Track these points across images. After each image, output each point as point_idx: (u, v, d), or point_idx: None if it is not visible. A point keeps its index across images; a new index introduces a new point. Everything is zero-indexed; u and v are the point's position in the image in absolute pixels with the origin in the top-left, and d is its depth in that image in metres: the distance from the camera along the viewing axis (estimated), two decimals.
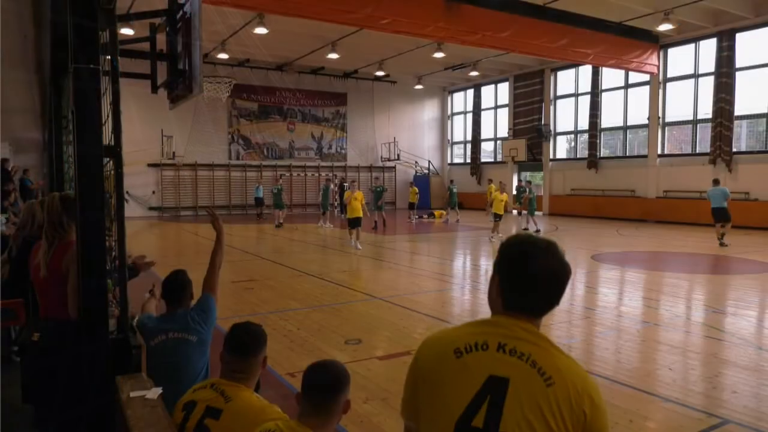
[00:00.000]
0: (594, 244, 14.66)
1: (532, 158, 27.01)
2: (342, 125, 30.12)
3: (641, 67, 20.94)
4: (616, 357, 5.50)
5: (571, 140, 26.54)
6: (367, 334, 6.27)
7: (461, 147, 33.16)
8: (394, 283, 9.38)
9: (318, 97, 29.15)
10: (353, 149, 30.39)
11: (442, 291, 8.83)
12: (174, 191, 25.82)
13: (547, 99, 26.44)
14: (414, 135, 32.15)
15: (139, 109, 22.68)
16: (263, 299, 8.03)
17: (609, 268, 10.87)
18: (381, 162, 30.83)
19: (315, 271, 10.52)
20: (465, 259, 12.86)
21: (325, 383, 1.99)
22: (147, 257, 3.79)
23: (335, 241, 16.03)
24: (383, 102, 30.86)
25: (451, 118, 33.14)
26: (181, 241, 16.75)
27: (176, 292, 3.22)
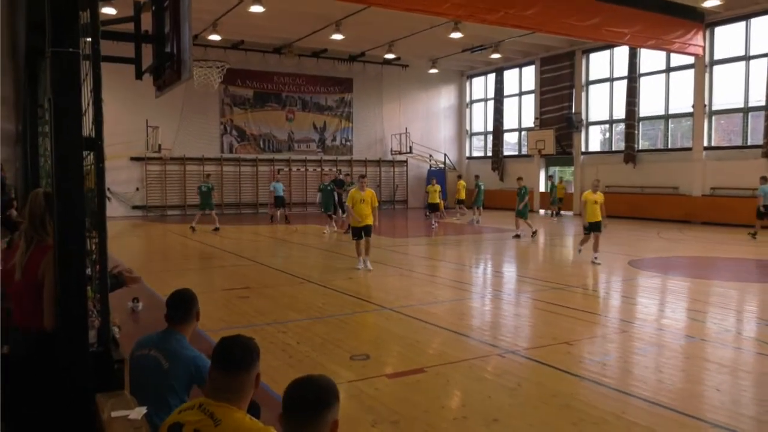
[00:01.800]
0: (631, 249, 14.56)
1: (561, 151, 26.90)
2: (347, 114, 30.16)
3: (684, 48, 20.79)
4: (656, 376, 5.46)
5: (606, 131, 26.37)
6: (375, 349, 6.26)
7: (481, 139, 33.06)
8: (406, 291, 9.37)
9: (320, 82, 29.22)
10: (360, 141, 30.43)
11: (460, 301, 8.80)
12: (160, 188, 25.98)
13: (578, 84, 26.31)
14: (428, 125, 32.12)
15: (122, 97, 22.83)
16: (259, 309, 8.05)
17: (648, 276, 10.79)
18: (391, 155, 30.84)
19: (317, 277, 10.54)
20: (486, 265, 12.84)
21: (307, 400, 1.97)
22: (134, 271, 3.83)
23: (341, 245, 16.04)
24: (393, 88, 30.87)
25: (469, 106, 33.07)
26: (168, 243, 16.83)
27: (177, 310, 3.24)
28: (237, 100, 27.50)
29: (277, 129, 28.42)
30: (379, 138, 30.96)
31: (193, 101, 25.84)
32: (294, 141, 28.93)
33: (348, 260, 13.05)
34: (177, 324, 3.22)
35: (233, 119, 27.49)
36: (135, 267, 12.62)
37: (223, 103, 27.17)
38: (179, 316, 3.23)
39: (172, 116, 25.30)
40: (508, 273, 11.71)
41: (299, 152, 28.97)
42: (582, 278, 10.83)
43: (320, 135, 29.58)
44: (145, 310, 7.75)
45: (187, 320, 3.25)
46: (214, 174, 26.90)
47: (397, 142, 30.49)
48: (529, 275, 11.38)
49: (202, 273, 11.32)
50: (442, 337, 6.73)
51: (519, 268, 12.51)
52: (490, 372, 5.56)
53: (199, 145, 26.46)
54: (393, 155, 30.81)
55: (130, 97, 23.15)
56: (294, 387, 2.02)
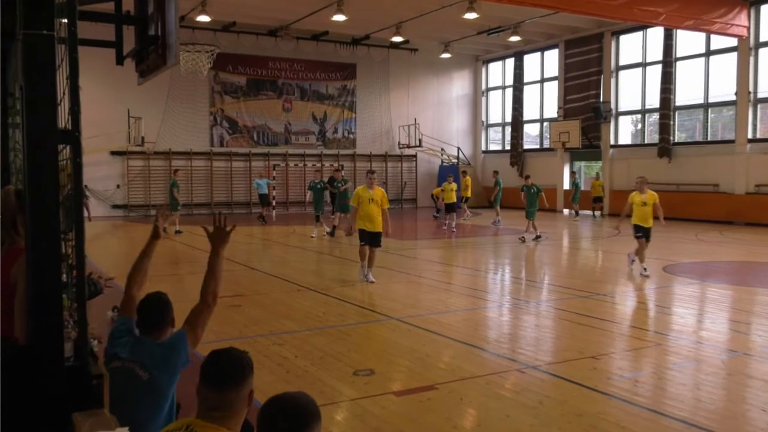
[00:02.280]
0: (666, 252, 14.51)
1: (587, 144, 26.84)
2: (350, 104, 30.20)
3: (726, 29, 20.68)
4: (694, 394, 5.44)
5: (638, 121, 26.28)
6: (381, 363, 6.27)
7: (498, 131, 33.00)
8: (414, 299, 9.37)
9: (320, 69, 29.27)
10: (364, 133, 30.46)
11: (475, 310, 8.80)
12: (143, 185, 26.10)
13: (607, 70, 26.24)
14: (440, 116, 32.11)
15: (101, 84, 22.91)
16: (253, 319, 8.07)
17: (686, 283, 10.75)
18: (399, 149, 30.87)
19: (316, 284, 10.56)
20: (504, 270, 12.83)
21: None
22: (109, 279, 3.85)
23: (342, 248, 16.04)
24: (401, 75, 30.88)
25: (485, 94, 33.04)
26: None
27: (149, 317, 3.25)
28: (228, 88, 27.59)
29: (272, 120, 28.49)
30: (385, 130, 30.97)
31: (179, 89, 25.93)
32: (291, 133, 28.99)
33: (351, 265, 13.06)
34: (150, 333, 3.23)
35: (224, 109, 27.58)
36: (116, 273, 12.59)
37: (212, 91, 27.27)
38: (151, 323, 3.24)
39: (156, 106, 25.40)
40: (528, 279, 11.68)
41: (297, 146, 29.03)
42: (611, 285, 10.80)
43: (320, 127, 29.63)
44: None
45: (159, 328, 3.25)
46: (202, 170, 26.99)
47: (406, 134, 30.50)
48: (552, 282, 11.34)
49: (189, 279, 11.36)
50: (454, 351, 6.72)
51: (541, 274, 12.47)
52: (509, 389, 5.55)
53: (186, 137, 26.56)
54: (401, 149, 30.83)
55: (111, 85, 23.21)
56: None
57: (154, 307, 3.28)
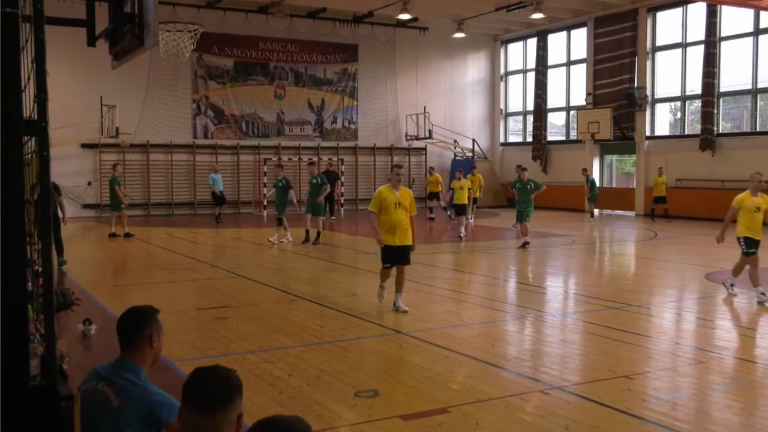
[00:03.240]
0: (709, 258, 14.47)
1: (619, 135, 26.79)
2: (351, 90, 30.23)
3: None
4: (743, 419, 5.42)
5: (677, 110, 26.23)
6: (386, 383, 6.27)
7: (519, 120, 32.96)
8: (424, 311, 9.37)
9: (318, 50, 29.32)
10: (367, 123, 30.49)
11: (493, 323, 8.79)
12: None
13: (642, 51, 26.20)
14: (452, 104, 32.11)
15: (70, 68, 22.98)
16: (241, 333, 8.08)
17: (732, 292, 10.72)
18: (406, 141, 30.90)
19: (313, 293, 10.57)
20: (526, 278, 12.81)
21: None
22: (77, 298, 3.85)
23: (342, 253, 16.05)
24: (409, 57, 30.91)
25: (504, 79, 33.02)
26: (128, 251, 16.93)
27: (128, 333, 3.27)
28: (213, 72, 27.66)
29: (263, 108, 28.55)
30: (391, 120, 30.98)
31: (159, 74, 25.99)
32: (284, 123, 29.05)
33: (352, 272, 13.03)
34: (128, 350, 3.25)
35: (209, 96, 27.65)
36: (87, 280, 12.56)
37: (196, 76, 27.34)
38: (128, 339, 3.25)
39: (132, 93, 25.46)
40: (553, 288, 11.67)
41: (291, 137, 29.08)
42: (646, 295, 10.78)
43: (317, 116, 29.68)
44: (100, 335, 7.80)
45: (138, 345, 3.26)
46: (184, 165, 27.04)
47: (414, 124, 30.53)
48: (580, 291, 11.32)
49: (170, 288, 11.38)
50: (469, 369, 6.72)
51: (567, 283, 12.44)
52: (531, 413, 5.55)
53: (166, 128, 26.64)
54: (408, 141, 30.85)
55: (82, 70, 23.26)
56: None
57: (129, 322, 3.29)
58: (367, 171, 30.38)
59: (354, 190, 29.91)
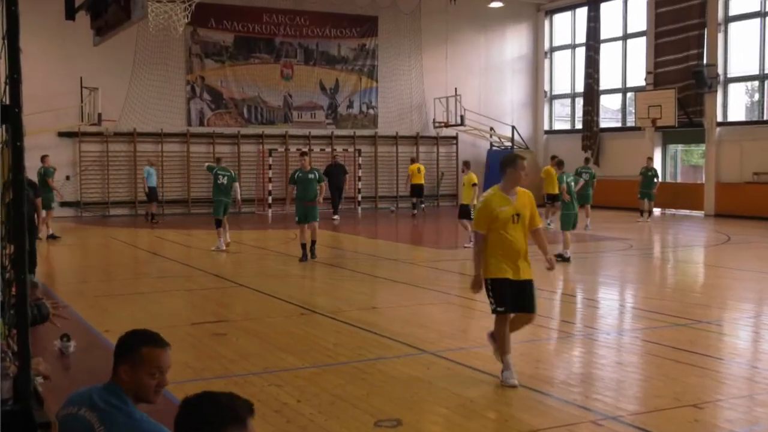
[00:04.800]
0: None
1: (685, 121, 26.55)
2: (370, 69, 30.24)
3: None
4: None
5: (754, 91, 25.94)
6: (410, 411, 6.25)
7: (566, 104, 32.75)
8: (454, 327, 9.34)
9: (331, 23, 29.37)
10: (388, 108, 30.48)
11: (535, 342, 8.75)
12: (100, 176, 26.42)
13: (713, 22, 25.94)
14: (488, 85, 32.00)
15: (47, 46, 23.17)
16: (242, 352, 8.10)
17: None
18: (434, 129, 30.85)
19: (325, 306, 10.57)
20: (575, 289, 12.73)
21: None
22: (62, 306, 3.92)
23: (359, 259, 16.03)
24: (437, 31, 30.85)
25: (549, 56, 32.84)
26: (113, 256, 17.06)
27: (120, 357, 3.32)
28: (210, 49, 27.80)
29: (268, 90, 28.64)
30: (416, 104, 30.94)
31: (147, 52, 26.16)
32: (292, 108, 29.12)
33: (370, 282, 13.02)
34: (117, 378, 3.28)
35: (205, 77, 27.80)
36: (66, 291, 12.63)
37: (190, 53, 27.49)
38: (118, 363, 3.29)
39: (117, 74, 25.67)
40: (606, 301, 11.59)
41: (300, 124, 29.14)
42: (717, 310, 10.68)
43: (331, 99, 29.72)
44: (80, 353, 7.87)
45: (115, 366, 3.30)
46: (176, 157, 27.16)
47: (443, 109, 30.45)
48: (639, 305, 11.23)
49: (160, 299, 11.43)
50: (507, 396, 6.69)
51: (624, 295, 12.35)
52: None
53: (156, 114, 26.80)
54: (437, 128, 30.78)
55: (59, 47, 23.46)
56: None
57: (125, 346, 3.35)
58: (389, 164, 30.38)
59: (373, 186, 29.94)
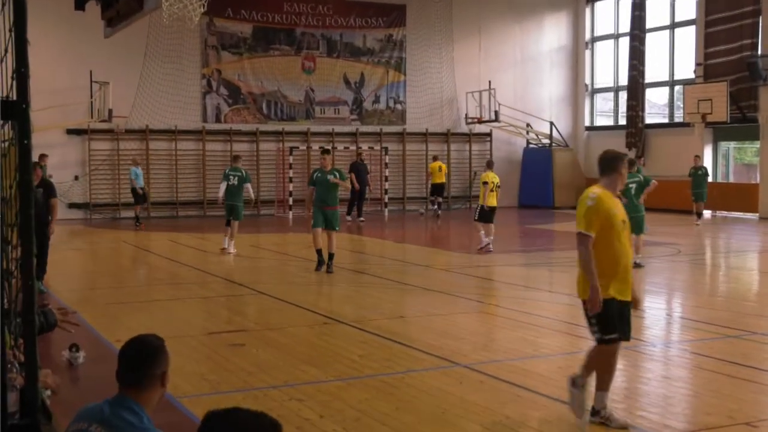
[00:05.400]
0: None
1: (739, 116, 26.28)
2: (397, 61, 30.23)
3: None
4: None
5: None
6: (441, 428, 6.23)
7: (609, 98, 32.54)
8: (488, 338, 9.31)
9: (356, 11, 29.41)
10: (417, 103, 30.46)
11: (576, 354, 8.64)
12: (110, 176, 26.63)
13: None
14: (524, 78, 31.90)
15: (55, 38, 23.39)
16: (261, 364, 8.11)
17: None
18: (466, 125, 30.80)
19: (350, 315, 10.57)
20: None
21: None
22: (71, 312, 3.92)
23: (387, 264, 16.02)
24: (470, 20, 30.80)
25: (591, 46, 32.66)
26: (123, 261, 17.18)
27: (133, 369, 3.31)
28: (227, 41, 27.92)
29: (288, 84, 28.72)
30: (447, 99, 30.89)
31: (161, 44, 26.34)
32: (315, 103, 29.19)
33: (398, 289, 13.00)
34: (133, 388, 3.28)
35: (222, 70, 27.93)
36: (74, 298, 12.73)
37: (206, 46, 27.63)
38: (136, 377, 3.29)
39: (128, 68, 25.85)
40: (653, 311, 11.49)
41: (323, 121, 29.20)
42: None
43: (355, 94, 29.76)
44: (89, 364, 7.91)
45: (147, 384, 3.30)
46: (191, 155, 27.29)
47: (476, 104, 30.38)
48: (688, 315, 11.15)
49: (174, 307, 11.49)
50: (547, 412, 6.65)
51: (671, 304, 12.27)
52: None
53: (170, 110, 26.96)
54: (469, 125, 30.73)
55: (68, 39, 23.66)
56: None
57: (136, 355, 3.32)
58: (417, 162, 30.35)
59: (401, 187, 29.93)
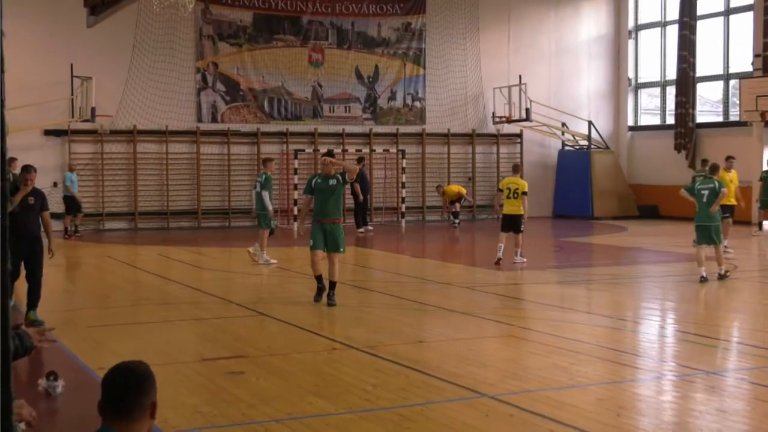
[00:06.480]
0: None
1: None
2: (416, 53, 30.27)
3: None
4: None
5: None
6: None
7: (655, 94, 32.46)
8: (518, 366, 9.32)
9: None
10: (438, 100, 30.48)
11: (618, 384, 8.69)
12: (94, 182, 26.71)
13: None
14: (559, 72, 31.93)
15: (33, 28, 23.48)
16: (263, 394, 8.12)
17: None
18: (494, 125, 30.79)
19: (362, 339, 10.56)
20: (664, 320, 12.61)
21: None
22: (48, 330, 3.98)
23: (401, 282, 16.03)
24: (498, 7, 30.88)
25: (634, 35, 32.62)
26: (108, 278, 17.20)
27: (119, 399, 3.35)
28: (225, 29, 28.01)
29: (293, 79, 28.79)
30: (471, 95, 30.91)
31: (150, 34, 26.45)
32: (323, 101, 29.24)
33: (417, 310, 13.01)
34: (118, 421, 3.32)
35: (218, 63, 28.02)
36: (52, 320, 12.81)
37: (201, 35, 27.71)
38: (122, 408, 3.33)
39: (115, 60, 25.97)
40: (703, 336, 11.45)
41: (332, 120, 29.26)
42: None
43: (369, 90, 29.80)
44: (69, 394, 7.94)
45: (134, 416, 3.34)
46: (184, 159, 27.35)
47: (504, 101, 30.34)
48: (745, 339, 11.09)
49: (164, 330, 11.49)
50: None
51: (726, 327, 12.21)
52: None
53: (160, 108, 27.06)
54: (497, 125, 30.72)
55: (46, 29, 23.76)
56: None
57: (122, 384, 3.36)
58: (438, 167, 30.39)
59: (420, 194, 29.95)
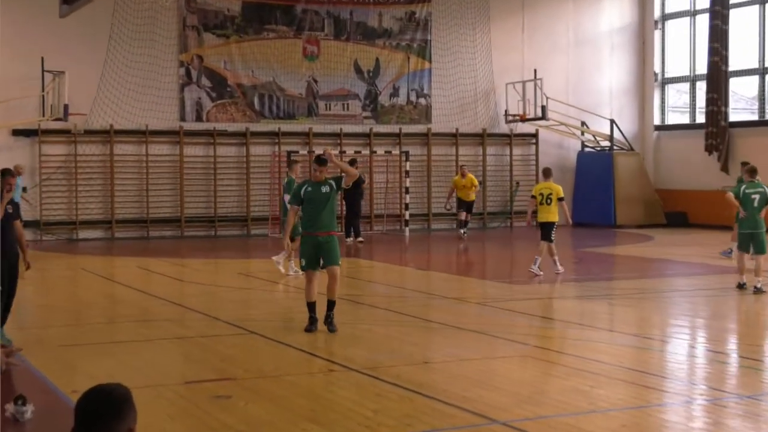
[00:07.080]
0: None
1: None
2: (421, 45, 30.34)
3: None
4: None
5: None
6: None
7: (684, 89, 32.53)
8: (535, 389, 9.30)
9: None
10: (445, 97, 30.50)
11: (644, 409, 8.65)
12: (67, 187, 26.72)
13: None
14: (579, 66, 32.04)
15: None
16: (252, 420, 8.11)
17: None
18: (506, 124, 30.86)
19: (362, 360, 10.54)
20: (694, 338, 12.64)
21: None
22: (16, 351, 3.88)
23: (405, 297, 15.97)
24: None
25: (661, 26, 32.69)
26: (83, 293, 17.16)
27: (97, 425, 3.32)
28: (211, 19, 28.07)
29: (286, 74, 28.84)
30: (482, 92, 30.96)
31: (128, 25, 26.50)
32: (318, 97, 29.28)
33: (418, 328, 12.97)
34: None
35: (204, 56, 28.06)
36: (21, 338, 12.87)
37: (184, 25, 27.75)
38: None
39: (89, 54, 26.01)
40: (737, 356, 11.41)
41: (329, 118, 29.31)
42: None
43: (369, 85, 29.85)
44: (39, 420, 7.90)
45: None
46: (166, 163, 27.37)
47: (517, 98, 30.38)
48: None
49: (144, 350, 11.47)
50: None
51: (762, 347, 12.22)
52: None
53: (139, 106, 27.06)
54: (509, 124, 30.76)
55: (14, 18, 23.77)
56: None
57: (97, 408, 3.33)
58: (445, 170, 30.39)
59: (425, 201, 29.98)
